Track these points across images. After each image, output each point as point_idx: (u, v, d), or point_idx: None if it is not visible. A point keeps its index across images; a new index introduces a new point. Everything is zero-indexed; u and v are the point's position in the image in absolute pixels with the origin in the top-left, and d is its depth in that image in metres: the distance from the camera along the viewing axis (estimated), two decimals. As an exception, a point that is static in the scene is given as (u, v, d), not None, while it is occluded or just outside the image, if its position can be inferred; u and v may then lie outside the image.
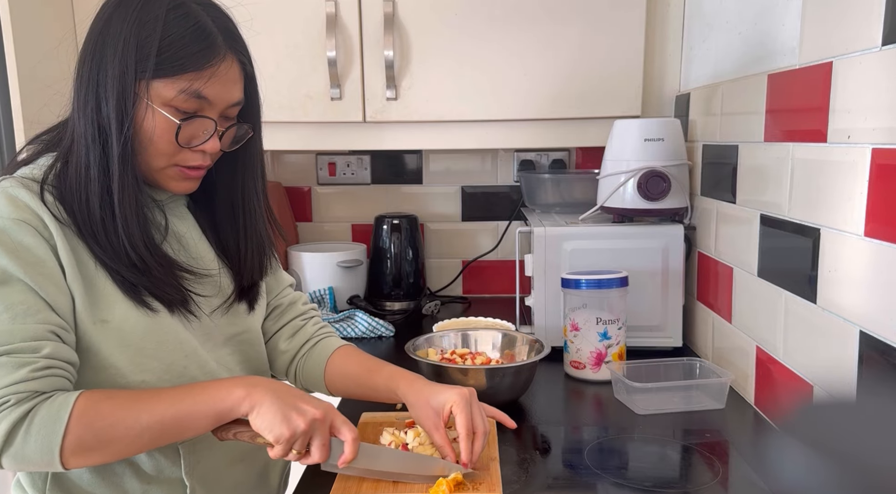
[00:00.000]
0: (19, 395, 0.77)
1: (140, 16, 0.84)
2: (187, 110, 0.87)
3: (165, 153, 0.89)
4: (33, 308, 0.80)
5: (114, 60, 0.84)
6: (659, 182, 1.41)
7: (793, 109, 1.05)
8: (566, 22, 1.56)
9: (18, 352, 0.78)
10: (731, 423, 1.14)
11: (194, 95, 0.86)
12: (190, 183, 0.94)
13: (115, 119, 0.84)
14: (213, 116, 0.89)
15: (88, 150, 0.86)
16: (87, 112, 0.86)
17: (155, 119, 0.86)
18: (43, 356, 0.79)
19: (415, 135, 1.66)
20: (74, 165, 0.87)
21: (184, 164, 0.91)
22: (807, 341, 1.01)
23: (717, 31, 1.38)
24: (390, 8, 1.56)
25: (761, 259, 1.16)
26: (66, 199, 0.86)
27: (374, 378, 1.06)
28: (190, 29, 0.85)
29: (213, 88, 0.87)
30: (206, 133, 0.90)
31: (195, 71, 0.86)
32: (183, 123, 0.87)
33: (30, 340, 0.79)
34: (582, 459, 1.02)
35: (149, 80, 0.85)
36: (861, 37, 0.86)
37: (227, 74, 0.89)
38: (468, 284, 2.05)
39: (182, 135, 0.88)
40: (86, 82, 0.86)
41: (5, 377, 0.77)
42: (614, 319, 1.31)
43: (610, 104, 1.58)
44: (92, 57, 0.86)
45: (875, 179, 0.84)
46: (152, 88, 0.85)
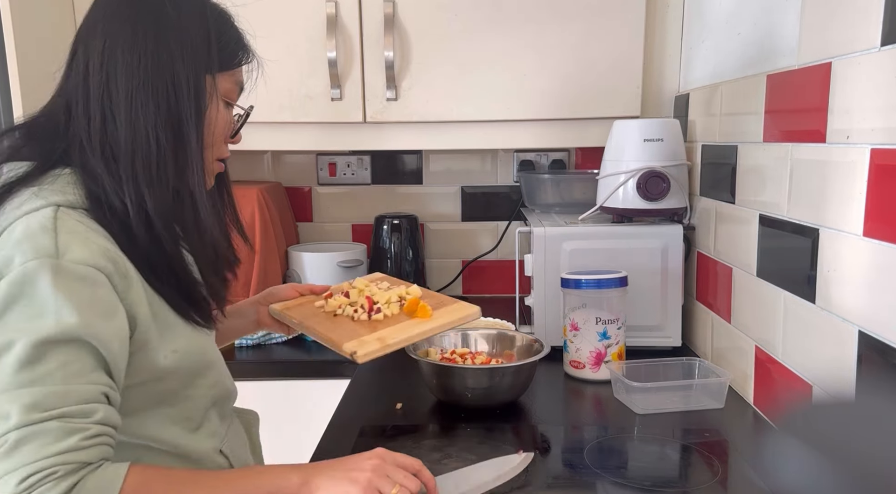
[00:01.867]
0: (67, 467, 0.69)
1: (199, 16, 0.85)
2: (232, 102, 0.90)
3: (214, 146, 0.89)
4: (88, 367, 0.73)
5: (182, 55, 0.82)
6: (658, 182, 1.41)
7: (792, 110, 1.05)
8: (566, 22, 1.56)
9: (71, 416, 0.70)
10: (731, 423, 1.14)
11: (240, 86, 0.91)
12: (212, 179, 0.94)
13: (193, 113, 0.83)
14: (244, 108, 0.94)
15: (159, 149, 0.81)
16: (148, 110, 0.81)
17: (219, 112, 0.88)
18: (95, 422, 0.72)
19: (415, 135, 1.66)
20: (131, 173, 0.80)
21: (220, 156, 0.92)
22: (806, 340, 1.02)
23: (716, 32, 1.39)
24: (390, 8, 1.56)
25: (760, 259, 1.16)
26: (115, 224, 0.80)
27: None
28: (236, 29, 0.90)
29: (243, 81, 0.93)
30: (235, 124, 0.93)
31: (247, 63, 0.91)
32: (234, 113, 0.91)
33: (83, 403, 0.72)
34: (581, 458, 1.02)
35: (215, 74, 0.86)
36: (860, 37, 0.87)
37: None
38: (468, 284, 2.05)
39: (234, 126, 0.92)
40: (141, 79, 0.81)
41: (54, 444, 0.69)
42: (614, 319, 1.32)
43: (609, 104, 1.59)
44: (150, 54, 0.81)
45: (874, 180, 0.85)
46: (217, 82, 0.86)
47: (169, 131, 0.82)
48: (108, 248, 0.77)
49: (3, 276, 0.72)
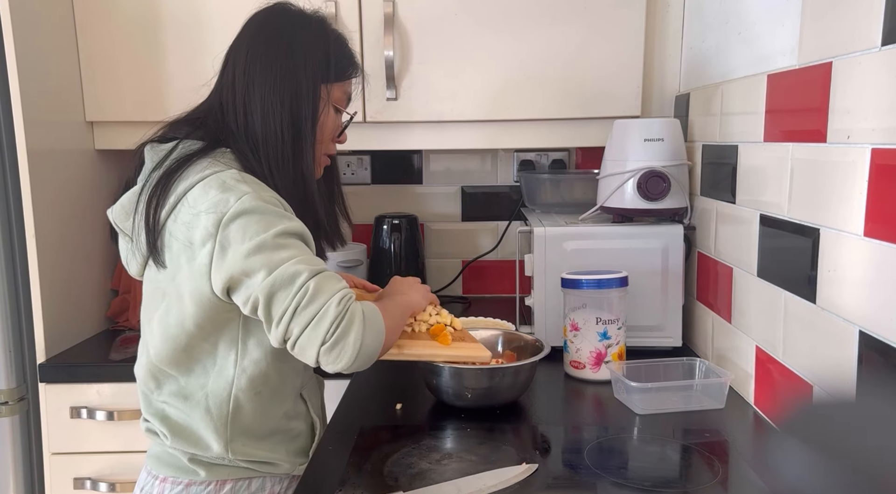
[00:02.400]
0: (351, 297, 0.96)
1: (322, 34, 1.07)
2: (341, 108, 1.12)
3: (324, 143, 1.10)
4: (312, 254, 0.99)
5: (309, 68, 1.04)
6: (659, 182, 1.41)
7: (792, 110, 1.05)
8: (566, 22, 1.56)
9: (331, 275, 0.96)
10: (731, 423, 1.14)
11: (349, 96, 1.14)
12: (321, 170, 1.14)
13: (310, 115, 1.04)
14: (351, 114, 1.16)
15: (282, 140, 1.03)
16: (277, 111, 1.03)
17: (329, 115, 1.09)
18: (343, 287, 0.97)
19: (415, 135, 1.66)
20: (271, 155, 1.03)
21: (328, 152, 1.14)
22: (806, 341, 1.02)
23: (716, 32, 1.38)
24: (390, 8, 1.56)
25: (761, 259, 1.16)
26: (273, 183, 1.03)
27: None
28: (347, 45, 1.11)
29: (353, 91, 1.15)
30: (341, 127, 1.15)
31: (355, 77, 1.13)
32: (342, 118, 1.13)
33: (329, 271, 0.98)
34: (582, 459, 1.02)
35: (329, 84, 1.07)
36: (860, 37, 0.87)
37: None
38: (468, 284, 2.05)
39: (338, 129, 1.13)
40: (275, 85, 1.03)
41: (339, 282, 0.96)
42: (614, 319, 1.31)
43: (610, 104, 1.59)
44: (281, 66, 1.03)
45: (874, 180, 0.84)
46: (332, 91, 1.08)
47: (291, 128, 1.03)
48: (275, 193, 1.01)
49: (224, 212, 0.94)
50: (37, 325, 1.53)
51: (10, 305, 1.51)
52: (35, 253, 1.50)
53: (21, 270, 1.52)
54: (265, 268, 0.92)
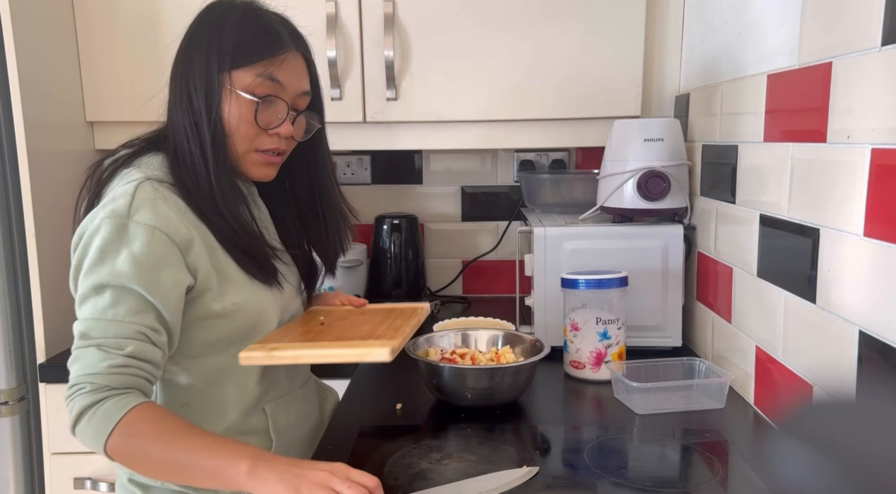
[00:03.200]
0: (94, 385, 0.88)
1: (220, 20, 0.99)
2: (264, 94, 0.99)
3: (247, 136, 1.00)
4: (133, 309, 0.90)
5: (200, 59, 0.97)
6: (659, 182, 1.41)
7: (792, 110, 1.05)
8: (566, 22, 1.56)
9: (106, 346, 0.89)
10: (731, 423, 1.14)
11: (269, 77, 0.99)
12: (269, 169, 1.05)
13: (204, 108, 0.97)
14: (285, 99, 1.01)
15: (188, 138, 0.98)
16: (182, 106, 0.98)
17: (239, 104, 0.98)
18: (125, 355, 0.89)
19: (415, 135, 1.66)
20: (181, 155, 0.98)
21: (261, 147, 1.02)
22: (806, 341, 1.02)
23: (716, 32, 1.38)
24: (390, 8, 1.56)
25: (761, 259, 1.16)
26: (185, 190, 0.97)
27: None
28: (262, 27, 1.00)
29: (285, 73, 1.00)
30: (279, 117, 1.02)
31: (269, 58, 0.99)
32: (260, 104, 0.99)
33: (119, 337, 0.89)
34: (582, 459, 1.02)
35: (230, 70, 0.97)
36: (860, 37, 0.86)
37: (295, 64, 1.02)
38: (468, 284, 2.05)
39: (260, 117, 1.00)
40: (178, 81, 0.99)
41: (88, 366, 0.88)
42: (614, 319, 1.31)
43: (610, 104, 1.58)
44: (182, 60, 1.00)
45: (874, 180, 0.84)
46: (234, 77, 0.98)
47: (191, 125, 0.98)
48: (170, 214, 0.93)
49: (85, 230, 0.92)
50: (37, 325, 1.53)
51: (10, 305, 1.51)
52: (35, 253, 1.50)
53: (21, 270, 1.52)
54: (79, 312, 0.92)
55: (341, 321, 1.13)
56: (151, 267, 0.90)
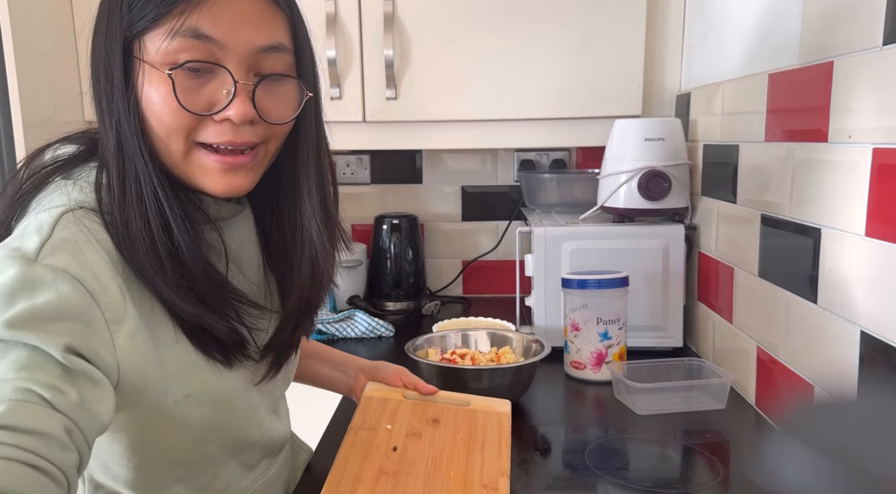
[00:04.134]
0: None
1: None
2: (186, 60, 0.66)
3: (174, 127, 0.67)
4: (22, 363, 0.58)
5: (100, 32, 0.69)
6: (659, 182, 1.41)
7: (794, 109, 1.05)
8: (566, 21, 1.56)
9: None
10: (732, 423, 1.14)
11: (191, 34, 0.65)
12: (236, 177, 0.71)
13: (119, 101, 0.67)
14: (229, 66, 0.68)
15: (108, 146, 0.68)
16: (97, 101, 0.69)
17: (152, 82, 0.67)
18: None
19: (415, 135, 1.65)
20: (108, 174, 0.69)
21: (206, 140, 0.69)
22: (808, 341, 1.01)
23: (717, 31, 1.38)
24: (390, 7, 1.55)
25: (762, 259, 1.16)
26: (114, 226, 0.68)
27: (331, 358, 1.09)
28: None
29: (217, 21, 0.66)
30: (226, 92, 0.68)
31: (184, 2, 0.65)
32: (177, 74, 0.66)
33: None
34: (582, 459, 1.02)
35: (139, 36, 0.66)
36: (862, 36, 0.86)
37: (236, 3, 0.67)
38: (468, 284, 2.04)
39: (192, 97, 0.67)
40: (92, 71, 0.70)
41: None
42: (615, 319, 1.31)
43: (610, 104, 1.58)
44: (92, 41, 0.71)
45: (876, 179, 0.84)
46: (144, 46, 0.66)
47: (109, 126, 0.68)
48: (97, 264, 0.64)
49: None
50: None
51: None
52: (34, 253, 1.50)
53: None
54: None
55: (416, 439, 0.90)
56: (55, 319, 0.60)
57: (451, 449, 0.88)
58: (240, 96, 0.68)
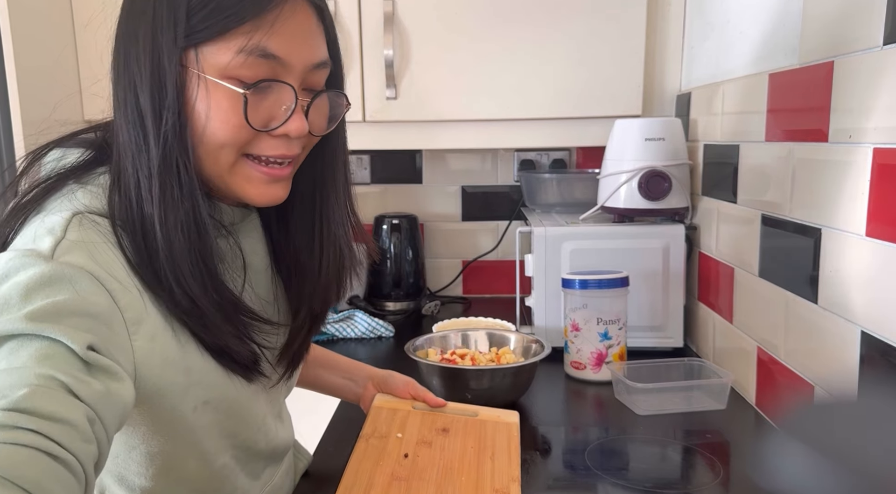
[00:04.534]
0: None
1: None
2: (254, 78, 0.66)
3: (230, 143, 0.68)
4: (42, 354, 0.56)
5: (145, 34, 0.66)
6: (660, 182, 1.40)
7: (794, 109, 1.05)
8: (566, 21, 1.56)
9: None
10: (732, 424, 1.14)
11: (259, 53, 0.65)
12: (277, 187, 0.72)
13: (151, 109, 0.66)
14: (291, 82, 0.68)
15: (135, 161, 0.67)
16: (126, 109, 0.68)
17: (213, 97, 0.66)
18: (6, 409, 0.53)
19: (415, 135, 1.65)
20: (124, 188, 0.67)
21: (259, 153, 0.70)
22: (808, 341, 1.01)
23: (717, 31, 1.38)
24: (390, 7, 1.55)
25: (762, 259, 1.16)
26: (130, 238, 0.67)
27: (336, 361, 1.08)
28: None
29: (282, 40, 0.66)
30: (285, 109, 0.69)
31: (254, 18, 0.65)
32: (250, 94, 0.66)
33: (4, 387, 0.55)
34: (582, 459, 1.02)
35: (197, 46, 0.65)
36: (862, 36, 0.86)
37: (297, 22, 0.68)
38: (468, 284, 2.04)
39: (254, 113, 0.67)
40: (120, 73, 0.69)
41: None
42: (615, 319, 1.31)
43: (610, 104, 1.58)
44: (123, 40, 0.70)
45: (877, 179, 0.84)
46: (203, 57, 0.65)
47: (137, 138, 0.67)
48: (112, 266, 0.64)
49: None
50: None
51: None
52: (34, 253, 1.50)
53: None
54: None
55: (427, 447, 0.91)
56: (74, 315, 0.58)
57: (461, 457, 0.89)
58: (297, 112, 0.69)
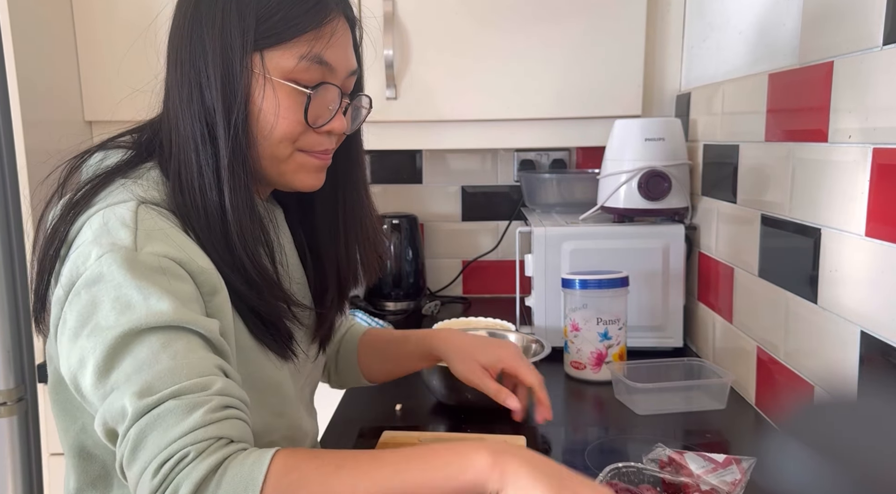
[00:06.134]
0: (199, 445, 0.60)
1: None
2: (310, 82, 0.76)
3: (289, 137, 0.77)
4: (194, 345, 0.66)
5: (213, 37, 0.73)
6: (660, 182, 1.40)
7: (794, 109, 1.05)
8: (566, 21, 1.56)
9: (187, 392, 0.62)
10: (732, 424, 1.14)
11: (316, 60, 0.76)
12: (319, 175, 0.82)
13: (221, 105, 0.73)
14: (337, 84, 0.79)
15: (199, 153, 0.74)
16: (192, 105, 0.74)
17: (277, 96, 0.75)
18: (216, 394, 0.63)
19: (415, 135, 1.65)
20: (186, 176, 0.74)
21: (310, 148, 0.79)
22: (808, 341, 1.01)
23: (717, 31, 1.38)
24: (390, 7, 1.55)
25: (762, 259, 1.16)
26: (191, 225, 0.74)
27: (405, 345, 1.06)
28: None
29: (335, 51, 0.77)
30: (331, 109, 0.79)
31: (315, 29, 0.75)
32: (313, 94, 0.76)
33: (197, 376, 0.63)
34: (582, 459, 1.02)
35: (262, 51, 0.74)
36: (862, 36, 0.86)
37: (343, 35, 0.80)
38: (468, 284, 2.04)
39: (310, 112, 0.77)
40: (182, 71, 0.75)
41: (178, 425, 0.60)
42: (615, 319, 1.31)
43: (610, 104, 1.58)
44: (188, 42, 0.75)
45: (876, 179, 0.84)
46: (269, 61, 0.74)
47: (202, 133, 0.74)
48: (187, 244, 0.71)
49: (80, 274, 0.67)
50: (36, 325, 1.52)
51: (9, 305, 1.50)
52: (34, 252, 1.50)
53: (20, 270, 1.52)
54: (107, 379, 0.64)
55: None
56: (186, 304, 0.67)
57: None
58: (339, 112, 0.80)
